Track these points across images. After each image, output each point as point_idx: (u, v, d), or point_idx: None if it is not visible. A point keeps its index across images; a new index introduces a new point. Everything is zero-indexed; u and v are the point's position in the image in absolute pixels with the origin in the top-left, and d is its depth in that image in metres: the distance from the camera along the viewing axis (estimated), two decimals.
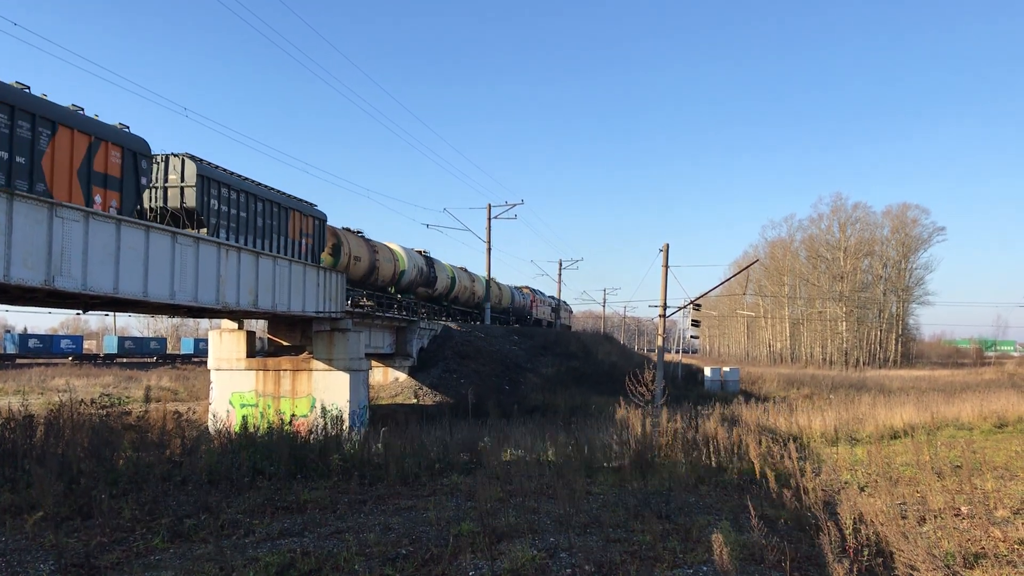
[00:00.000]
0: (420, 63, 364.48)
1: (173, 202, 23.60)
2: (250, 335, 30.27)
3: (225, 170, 25.46)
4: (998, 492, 12.09)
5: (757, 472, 11.89)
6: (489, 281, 58.73)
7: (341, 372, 28.68)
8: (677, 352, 78.35)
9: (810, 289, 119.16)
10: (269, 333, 32.07)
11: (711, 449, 15.22)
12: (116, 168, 19.86)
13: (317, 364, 28.98)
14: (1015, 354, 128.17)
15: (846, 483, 13.36)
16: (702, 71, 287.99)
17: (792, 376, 67.39)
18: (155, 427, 15.50)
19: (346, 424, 18.67)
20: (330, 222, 32.89)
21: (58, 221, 16.25)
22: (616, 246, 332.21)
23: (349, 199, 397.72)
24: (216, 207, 24.24)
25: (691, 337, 61.89)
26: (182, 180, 23.55)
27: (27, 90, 17.41)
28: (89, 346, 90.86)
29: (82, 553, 7.58)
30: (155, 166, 23.03)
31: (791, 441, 16.18)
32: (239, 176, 26.22)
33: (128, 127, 20.82)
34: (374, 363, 39.27)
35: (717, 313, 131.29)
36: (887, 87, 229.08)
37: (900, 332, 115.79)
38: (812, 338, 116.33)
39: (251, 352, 30.11)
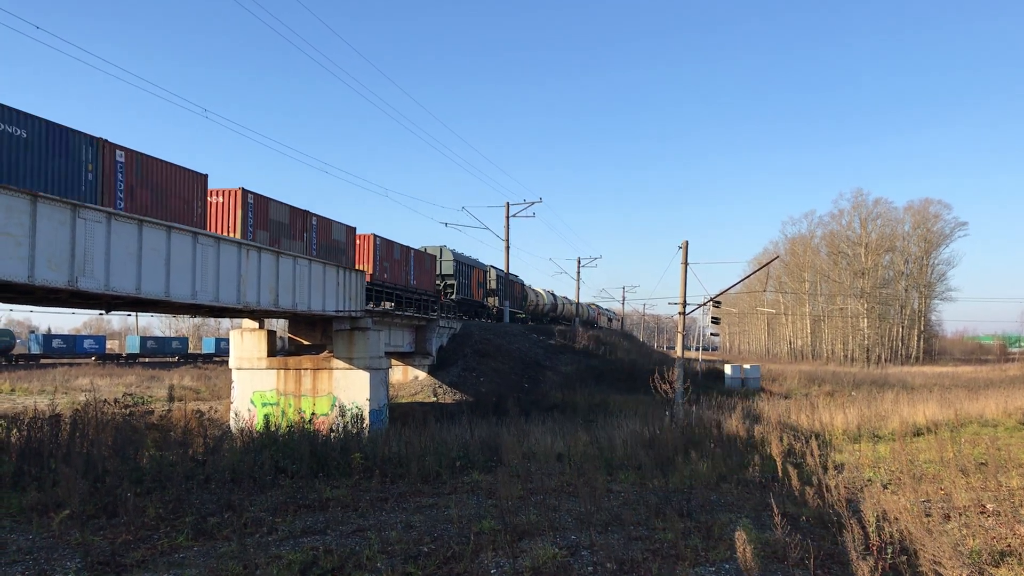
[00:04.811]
0: (437, 62, 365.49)
1: (489, 286, 57.92)
2: (271, 334, 30.44)
3: (505, 271, 59.09)
4: None
5: (779, 469, 11.81)
6: (507, 278, 59.21)
7: (361, 371, 28.77)
8: (697, 349, 77.97)
9: (831, 285, 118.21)
10: (290, 332, 32.25)
11: (733, 446, 15.16)
12: (483, 279, 55.96)
13: (337, 363, 29.09)
14: None
15: (869, 480, 13.26)
16: (720, 68, 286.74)
17: (813, 373, 66.93)
18: (178, 426, 15.64)
19: (366, 422, 18.77)
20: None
21: (81, 222, 16.40)
22: (635, 243, 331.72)
23: (367, 198, 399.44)
24: (500, 288, 58.85)
25: (711, 334, 61.65)
26: (489, 277, 57.97)
27: (460, 251, 51.30)
28: (112, 346, 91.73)
29: (108, 551, 7.66)
30: (484, 271, 57.18)
31: (813, 438, 16.09)
32: (510, 273, 61.66)
33: (478, 259, 55.87)
34: (394, 361, 39.39)
35: (737, 310, 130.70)
36: (909, 81, 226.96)
37: (922, 328, 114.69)
38: (833, 335, 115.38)
39: (272, 351, 30.27)
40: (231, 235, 24.60)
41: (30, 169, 17.10)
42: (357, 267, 33.47)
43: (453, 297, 48.58)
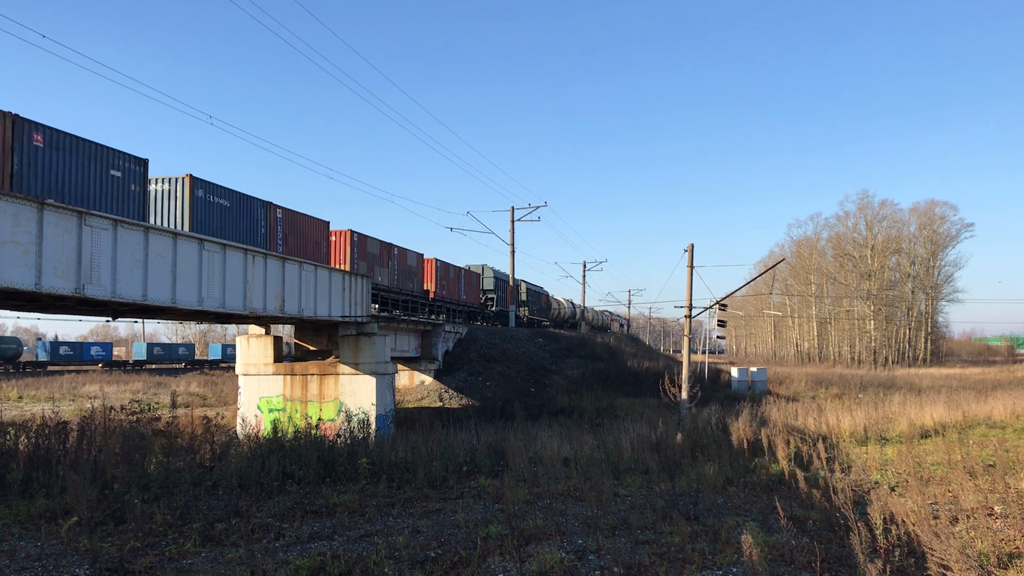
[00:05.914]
0: (442, 67, 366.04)
1: (520, 298, 62.23)
2: (277, 340, 30.49)
3: (511, 275, 57.40)
4: None
5: (786, 472, 11.80)
6: (513, 280, 59.30)
7: (367, 376, 28.80)
8: (703, 353, 77.89)
9: (837, 288, 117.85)
10: (296, 338, 32.29)
11: (739, 449, 15.13)
12: (512, 292, 56.69)
13: (343, 368, 29.12)
14: None
15: (876, 483, 13.22)
16: (724, 72, 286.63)
17: (820, 376, 66.68)
18: (185, 432, 15.68)
19: (372, 427, 18.80)
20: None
21: (87, 230, 16.46)
22: (640, 247, 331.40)
23: (373, 203, 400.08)
24: (527, 299, 63.23)
25: (717, 337, 61.59)
26: (520, 290, 61.93)
27: (498, 268, 58.29)
28: (119, 353, 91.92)
29: (116, 557, 7.69)
30: (516, 285, 58.38)
31: (820, 441, 16.06)
32: (535, 284, 68.94)
33: (505, 273, 58.19)
34: (400, 367, 39.40)
35: (743, 313, 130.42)
36: (913, 83, 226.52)
37: (929, 330, 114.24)
38: (840, 337, 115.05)
39: (278, 357, 30.32)
40: (342, 267, 29.80)
41: (229, 228, 22.64)
42: (424, 287, 40.97)
43: (493, 309, 56.11)
